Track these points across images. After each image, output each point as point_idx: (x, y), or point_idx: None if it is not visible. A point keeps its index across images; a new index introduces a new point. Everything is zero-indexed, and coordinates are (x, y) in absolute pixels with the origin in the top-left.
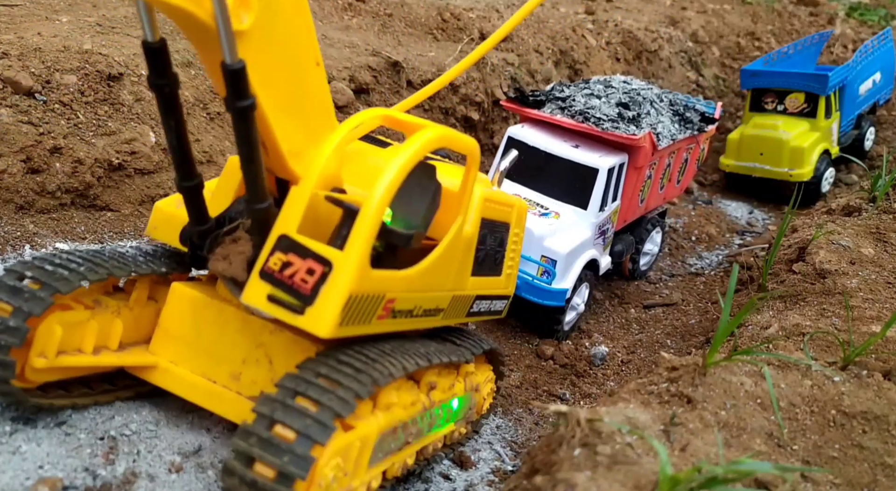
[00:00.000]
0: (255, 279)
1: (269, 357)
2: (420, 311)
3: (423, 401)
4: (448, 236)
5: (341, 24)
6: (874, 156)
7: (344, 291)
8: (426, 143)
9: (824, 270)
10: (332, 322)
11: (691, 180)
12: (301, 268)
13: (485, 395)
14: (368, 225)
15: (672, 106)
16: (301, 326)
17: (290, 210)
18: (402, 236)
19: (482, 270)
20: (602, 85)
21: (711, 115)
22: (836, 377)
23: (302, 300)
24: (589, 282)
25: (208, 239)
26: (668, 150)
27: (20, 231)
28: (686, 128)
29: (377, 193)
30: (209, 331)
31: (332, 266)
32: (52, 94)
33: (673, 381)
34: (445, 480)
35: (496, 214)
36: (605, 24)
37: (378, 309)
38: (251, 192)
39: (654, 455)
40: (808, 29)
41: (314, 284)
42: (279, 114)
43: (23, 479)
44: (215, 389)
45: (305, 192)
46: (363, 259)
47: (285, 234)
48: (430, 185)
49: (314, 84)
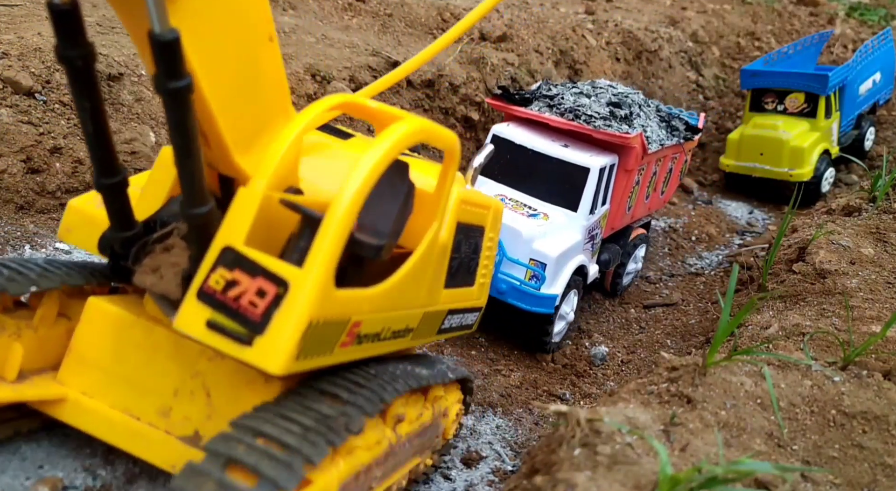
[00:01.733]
0: (192, 301)
1: (207, 389)
2: (388, 333)
3: (388, 437)
4: (422, 245)
5: (341, 24)
6: (874, 156)
7: (302, 318)
8: (403, 137)
9: (824, 270)
10: (286, 356)
11: (674, 193)
12: (249, 288)
13: (452, 419)
14: (334, 236)
15: (658, 112)
16: (248, 361)
17: (236, 216)
18: (371, 247)
19: (456, 280)
20: (590, 86)
21: (695, 126)
22: (836, 377)
23: (250, 328)
24: (578, 289)
25: (134, 247)
26: (655, 156)
27: (20, 231)
28: (673, 135)
29: (345, 198)
30: (134, 356)
31: (287, 287)
32: (52, 94)
33: (673, 381)
34: (445, 480)
35: (472, 218)
36: (605, 24)
37: (342, 335)
38: (188, 193)
39: (654, 455)
40: (808, 29)
41: (265, 308)
42: (223, 97)
43: (23, 479)
44: (138, 427)
45: (256, 195)
46: (326, 278)
47: (230, 245)
48: (401, 186)
49: (266, 62)
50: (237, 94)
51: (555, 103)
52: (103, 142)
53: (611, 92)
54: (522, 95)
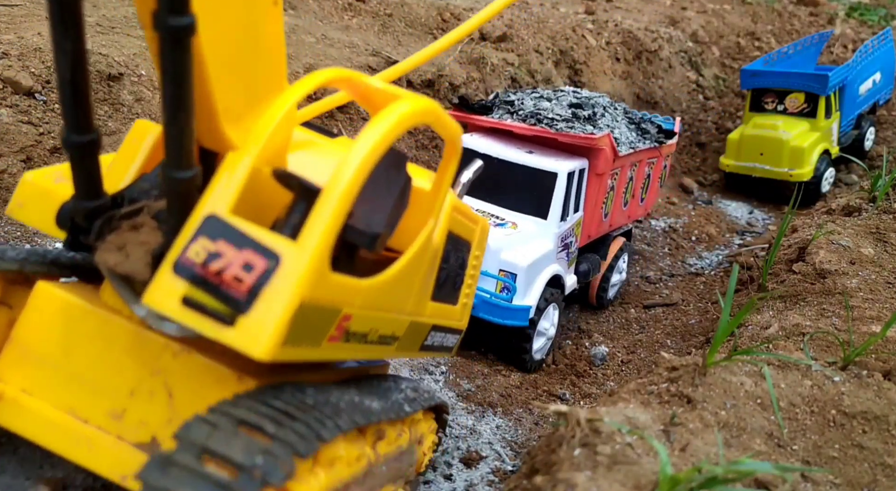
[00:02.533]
0: (166, 274)
1: (169, 389)
2: (375, 336)
3: (368, 455)
4: (418, 241)
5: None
6: (874, 156)
7: (294, 296)
8: (409, 114)
9: (824, 270)
10: (273, 339)
11: (655, 201)
12: (234, 261)
13: (427, 448)
14: (335, 208)
15: (627, 115)
16: (229, 343)
17: (224, 182)
18: (367, 236)
19: (441, 294)
20: (551, 91)
21: (670, 130)
22: (836, 377)
23: (233, 306)
24: (557, 303)
25: (99, 221)
26: (629, 160)
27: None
28: (644, 138)
29: (349, 169)
30: (85, 350)
31: (279, 260)
32: (52, 94)
33: (673, 381)
34: (446, 480)
35: (461, 230)
36: (605, 24)
37: (331, 327)
38: (174, 153)
39: (654, 455)
40: (808, 29)
41: (252, 284)
42: (219, 56)
43: (22, 479)
44: (84, 431)
45: (247, 160)
46: (323, 254)
47: (215, 213)
48: (398, 178)
49: (267, 26)
50: (234, 56)
51: (515, 109)
52: (80, 92)
53: (573, 95)
54: (482, 104)
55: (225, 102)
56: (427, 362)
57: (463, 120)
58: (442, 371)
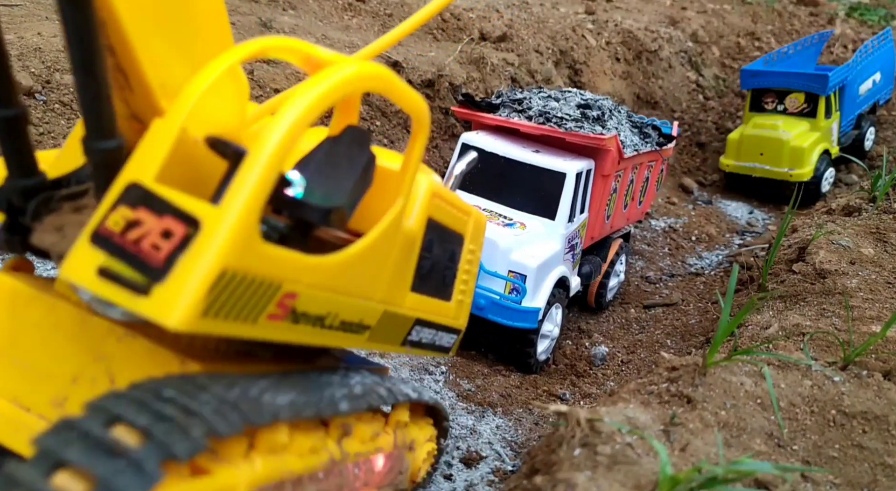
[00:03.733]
0: (84, 245)
1: (112, 375)
2: (336, 321)
3: (330, 450)
4: (383, 223)
5: (341, 24)
6: (874, 156)
7: (214, 263)
8: (350, 78)
9: (824, 270)
10: (188, 307)
11: (651, 203)
12: (153, 229)
13: (422, 458)
14: (260, 171)
15: (630, 119)
16: (142, 313)
17: (147, 149)
18: (317, 210)
19: (426, 287)
20: (557, 91)
21: (669, 134)
22: (836, 377)
23: (149, 275)
24: (561, 304)
25: (36, 200)
26: (631, 162)
27: None
28: (646, 142)
29: (276, 129)
30: (29, 336)
31: (199, 226)
32: (52, 94)
33: (673, 381)
34: (446, 480)
35: (447, 219)
36: (605, 24)
37: (270, 303)
38: (91, 122)
39: (654, 455)
40: (808, 29)
41: (170, 251)
42: (144, 24)
43: None
44: (24, 419)
45: (172, 126)
46: (248, 220)
47: (137, 181)
48: (360, 155)
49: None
50: (163, 25)
51: (523, 108)
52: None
53: (579, 96)
54: (489, 102)
55: (160, 77)
56: (427, 362)
57: (468, 117)
58: (442, 371)
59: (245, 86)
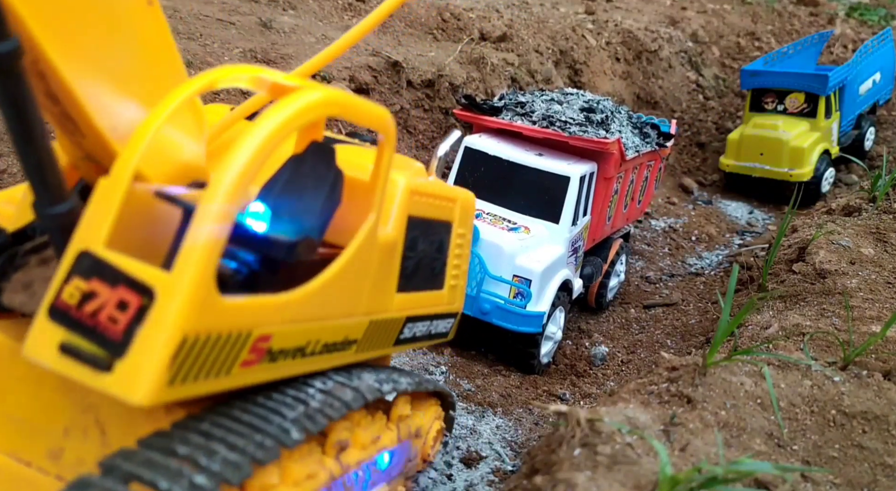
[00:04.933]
0: (43, 320)
1: (101, 425)
2: (318, 347)
3: (330, 469)
4: (355, 241)
5: (341, 24)
6: (874, 156)
7: (173, 332)
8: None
9: (824, 270)
10: (151, 382)
11: (650, 202)
12: (109, 300)
13: (431, 438)
14: (210, 229)
15: (630, 119)
16: (106, 392)
17: (95, 213)
18: (283, 245)
19: (414, 283)
20: (559, 93)
21: (667, 132)
22: (836, 377)
23: (109, 349)
24: (564, 307)
25: (1, 259)
26: (632, 163)
27: None
28: (646, 142)
29: (223, 180)
30: (16, 390)
31: (153, 296)
32: None
33: (673, 381)
34: (446, 480)
35: (431, 211)
36: (605, 24)
37: (242, 352)
38: (38, 190)
39: (654, 455)
40: (808, 29)
41: (127, 323)
42: (83, 71)
43: None
44: (26, 473)
45: (118, 186)
46: (203, 281)
47: (87, 249)
48: (326, 173)
49: (145, 31)
50: (104, 68)
51: (526, 111)
52: None
53: (582, 98)
54: (491, 105)
55: (109, 120)
56: (427, 362)
57: (470, 120)
58: (442, 371)
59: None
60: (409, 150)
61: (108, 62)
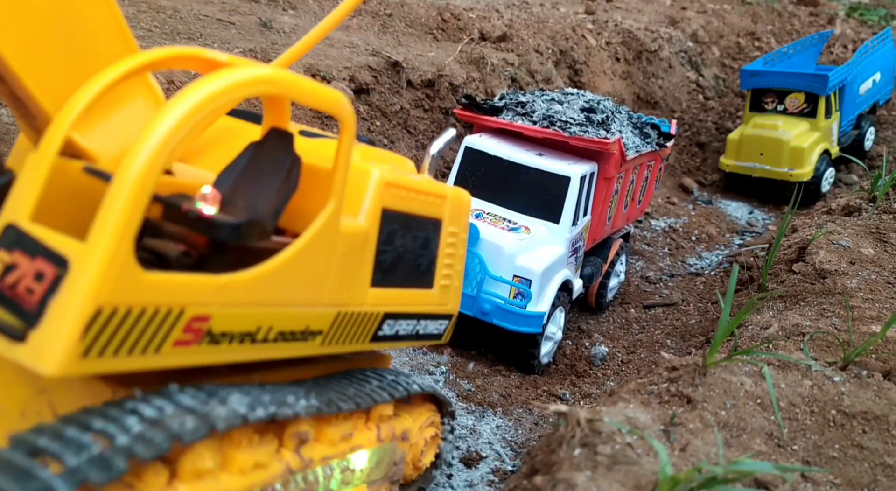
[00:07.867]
0: None
1: (55, 408)
2: (272, 334)
3: (287, 461)
4: (312, 228)
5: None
6: (874, 156)
7: (85, 303)
8: (236, 84)
9: (824, 270)
10: (63, 352)
11: (650, 202)
12: (28, 272)
13: (422, 443)
14: (126, 198)
15: (630, 119)
16: (18, 361)
17: (21, 187)
18: (226, 227)
19: (393, 279)
20: (559, 93)
21: (667, 132)
22: (836, 377)
23: (25, 320)
24: (564, 307)
25: None
26: (632, 163)
27: None
28: (646, 142)
29: (140, 151)
30: None
31: (67, 266)
32: None
33: (673, 381)
34: (446, 480)
35: (413, 206)
36: (605, 24)
37: (174, 331)
38: None
39: (654, 455)
40: (808, 29)
41: (42, 293)
42: (25, 52)
43: None
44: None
45: (44, 158)
46: (119, 252)
47: (13, 223)
48: (284, 159)
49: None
50: (47, 49)
51: (527, 111)
52: None
53: (582, 98)
54: (492, 105)
55: (55, 101)
56: (427, 362)
57: (471, 120)
58: (442, 371)
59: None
60: (408, 150)
61: (50, 43)
